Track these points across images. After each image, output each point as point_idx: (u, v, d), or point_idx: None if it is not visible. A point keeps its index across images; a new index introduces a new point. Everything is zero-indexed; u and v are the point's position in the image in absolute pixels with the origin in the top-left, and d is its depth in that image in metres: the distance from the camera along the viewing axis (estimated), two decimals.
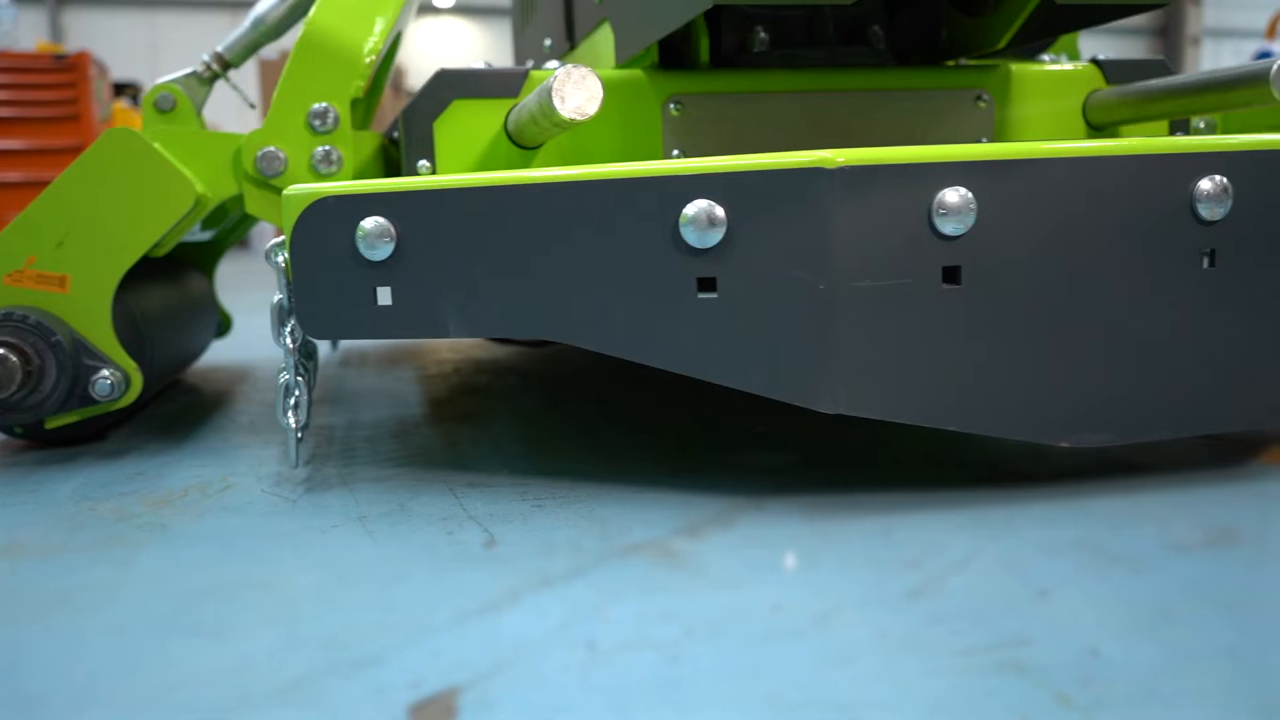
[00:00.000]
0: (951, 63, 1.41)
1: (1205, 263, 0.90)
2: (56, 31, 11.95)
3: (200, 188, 1.23)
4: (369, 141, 1.34)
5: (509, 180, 0.89)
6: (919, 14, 1.41)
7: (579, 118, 0.94)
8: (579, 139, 1.23)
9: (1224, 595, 0.69)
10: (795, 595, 0.71)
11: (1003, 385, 0.87)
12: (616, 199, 0.86)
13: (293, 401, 1.01)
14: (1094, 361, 0.89)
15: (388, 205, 0.91)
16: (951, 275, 0.85)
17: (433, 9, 13.79)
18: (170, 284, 1.56)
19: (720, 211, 0.84)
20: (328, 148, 1.24)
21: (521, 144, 1.19)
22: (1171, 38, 16.24)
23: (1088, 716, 0.53)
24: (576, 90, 0.93)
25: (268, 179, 1.24)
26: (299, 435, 1.02)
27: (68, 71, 5.02)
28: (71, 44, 11.06)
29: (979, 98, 1.34)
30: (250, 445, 1.23)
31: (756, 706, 0.56)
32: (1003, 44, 1.34)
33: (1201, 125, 1.59)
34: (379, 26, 1.29)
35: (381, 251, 0.91)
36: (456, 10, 14.04)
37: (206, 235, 1.83)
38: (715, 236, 0.84)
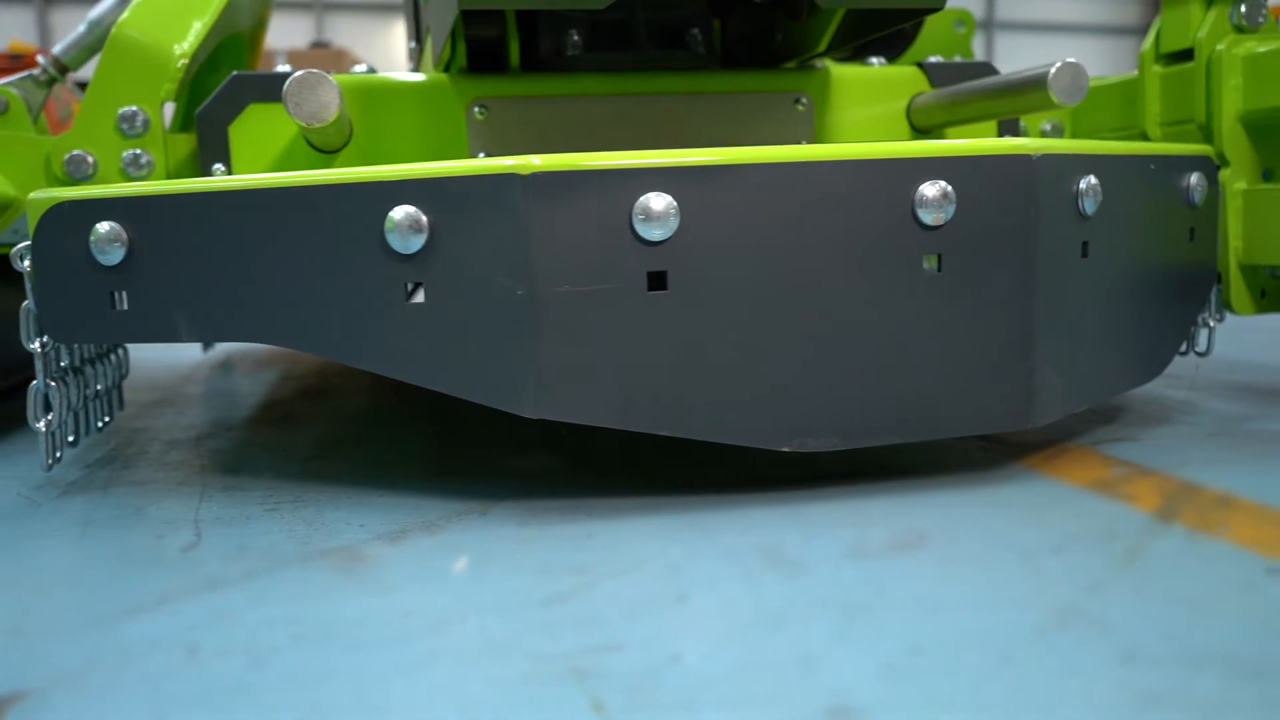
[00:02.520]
0: (788, 65, 1.41)
1: (928, 268, 0.90)
2: (44, 31, 12.01)
3: (11, 190, 1.24)
4: (185, 144, 1.34)
5: (225, 185, 0.89)
6: (751, 19, 1.41)
7: (315, 123, 0.95)
8: (381, 142, 1.24)
9: (855, 601, 0.69)
10: (435, 601, 0.71)
11: (718, 391, 0.87)
12: (326, 204, 0.87)
13: (44, 406, 1.01)
14: (816, 367, 0.89)
15: (119, 210, 0.92)
16: (658, 281, 0.86)
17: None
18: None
19: (423, 217, 0.85)
20: (137, 151, 1.25)
21: (316, 147, 1.20)
22: None
23: None
24: (310, 96, 0.94)
25: (77, 182, 1.25)
26: (69, 440, 1.02)
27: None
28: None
29: (798, 101, 1.34)
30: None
31: (290, 714, 0.56)
32: (822, 48, 1.34)
33: (1048, 128, 1.59)
34: (194, 29, 1.30)
35: (114, 256, 0.92)
36: None
37: None
38: (418, 242, 0.85)
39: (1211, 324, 1.27)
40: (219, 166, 1.20)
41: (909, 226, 0.89)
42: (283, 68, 1.31)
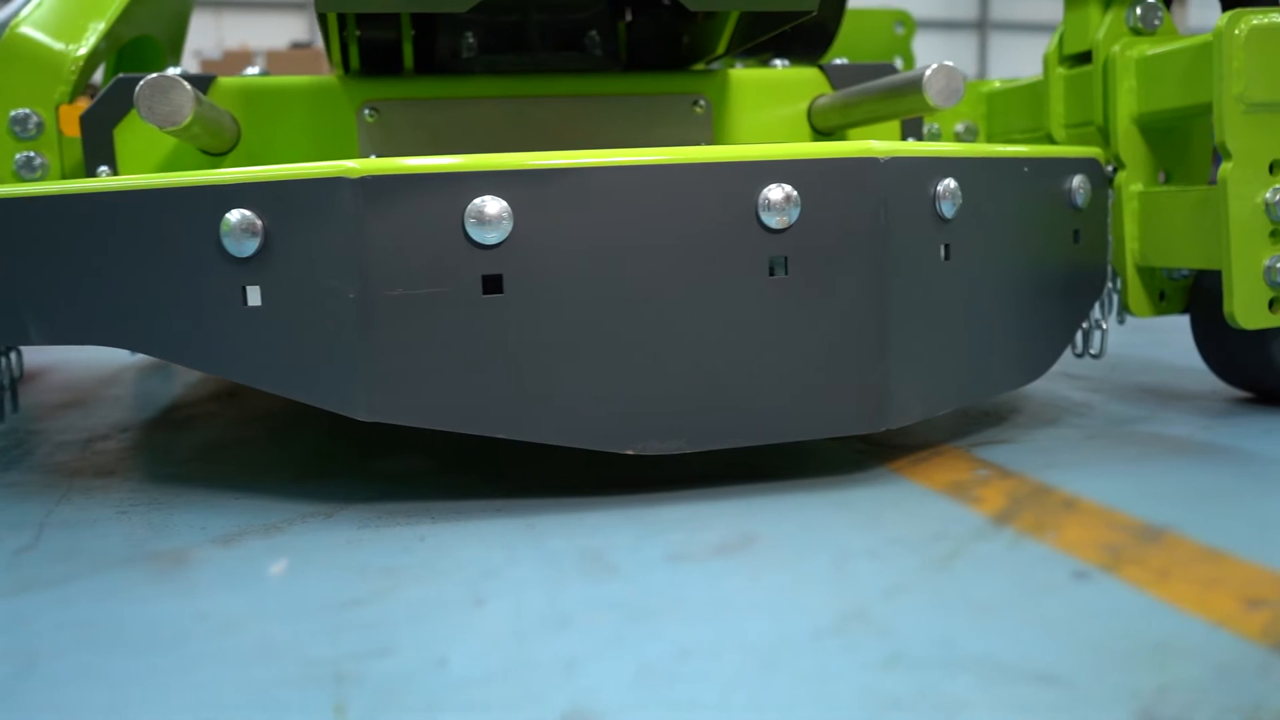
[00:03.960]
0: (696, 67, 1.40)
1: (773, 271, 0.90)
2: None
3: None
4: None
5: (65, 190, 0.89)
6: (652, 21, 1.41)
7: (168, 126, 0.95)
8: (271, 144, 1.24)
9: (648, 605, 0.68)
10: (234, 604, 0.71)
11: (559, 394, 0.87)
12: (164, 208, 0.87)
13: None
14: (660, 370, 0.88)
15: None
16: (493, 284, 0.85)
17: None
18: None
19: (258, 221, 0.85)
20: (30, 154, 1.25)
21: (203, 150, 1.20)
22: None
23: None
24: (162, 100, 0.94)
25: None
26: None
27: None
28: None
29: (696, 103, 1.34)
30: None
31: (35, 716, 0.56)
32: (721, 50, 1.34)
33: (961, 129, 1.59)
34: (92, 31, 1.30)
35: None
36: None
37: None
38: (253, 245, 0.85)
39: (1105, 326, 1.27)
40: (104, 169, 1.20)
41: (753, 230, 0.89)
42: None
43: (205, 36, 11.42)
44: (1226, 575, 0.71)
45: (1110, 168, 1.28)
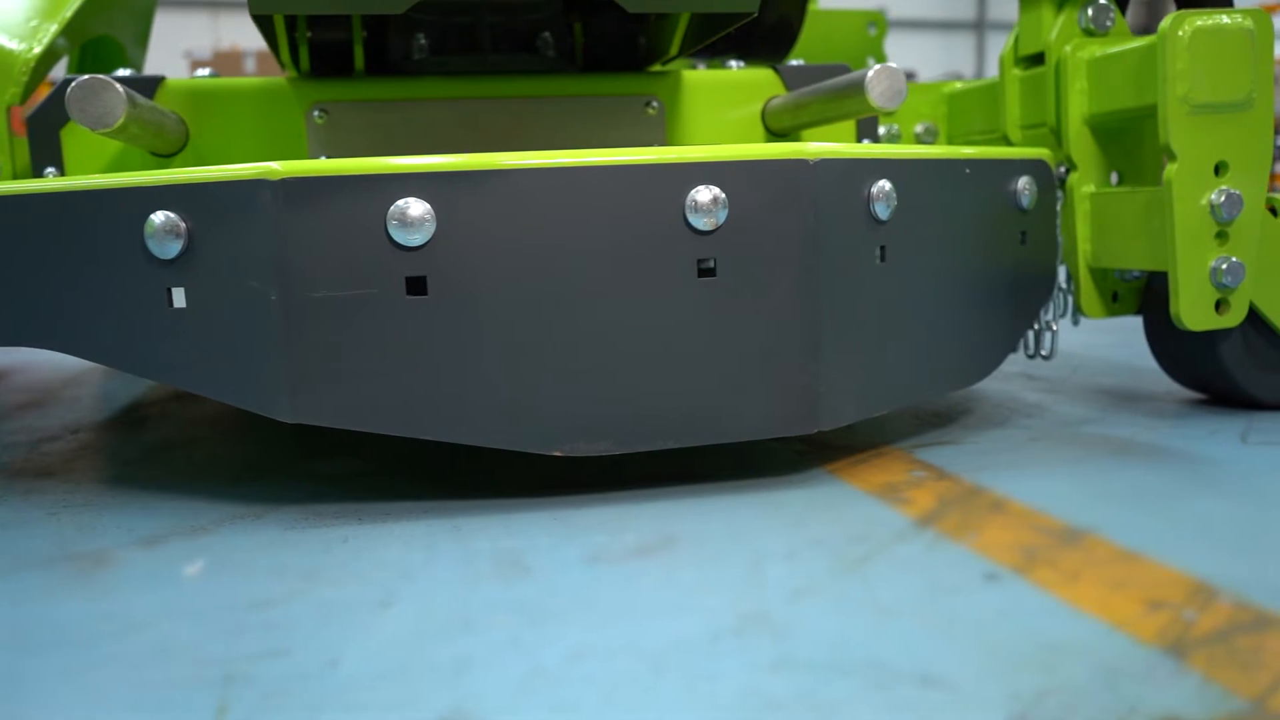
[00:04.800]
0: (654, 68, 1.40)
1: (701, 273, 0.90)
2: None
3: None
4: None
5: None
6: (610, 24, 1.41)
7: (100, 128, 0.95)
8: (220, 147, 1.24)
9: (553, 607, 0.69)
10: (144, 605, 0.71)
11: (484, 395, 0.87)
12: (90, 210, 0.87)
13: None
14: (587, 372, 0.88)
15: None
16: (417, 286, 0.86)
17: None
18: None
19: (181, 223, 0.85)
20: None
21: (151, 151, 1.20)
22: None
23: None
24: (94, 101, 0.94)
25: None
26: None
27: None
28: None
29: (648, 104, 1.34)
30: None
31: None
32: (674, 52, 1.34)
33: (921, 130, 1.59)
34: (43, 33, 1.30)
35: None
36: None
37: None
38: (176, 247, 0.85)
39: (1055, 327, 1.27)
40: (51, 170, 1.20)
41: (681, 231, 0.89)
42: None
43: (202, 36, 11.43)
44: (1136, 577, 0.71)
45: (1062, 169, 1.28)
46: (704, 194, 0.88)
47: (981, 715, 0.53)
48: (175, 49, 7.49)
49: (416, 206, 0.84)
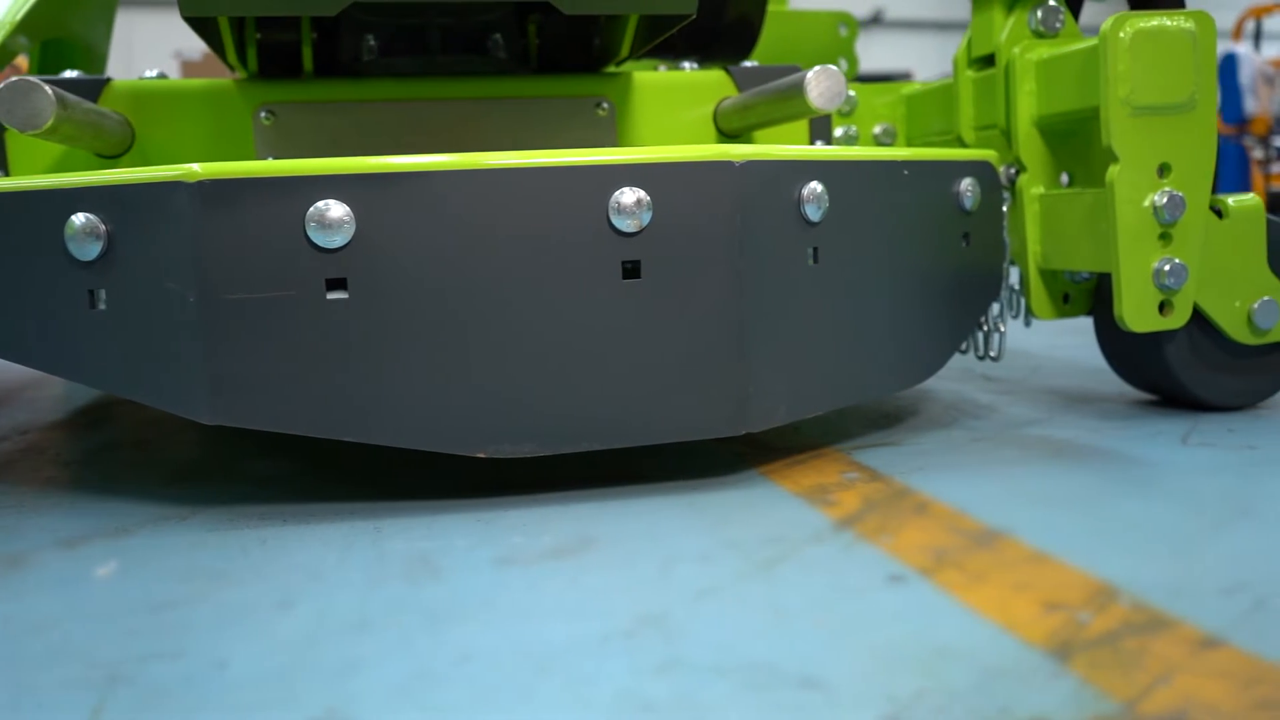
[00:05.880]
0: (609, 69, 1.40)
1: (626, 274, 0.90)
2: None
3: None
4: None
5: None
6: (561, 25, 1.41)
7: (29, 130, 0.95)
8: (166, 148, 1.24)
9: (454, 609, 0.68)
10: (46, 607, 0.71)
11: (406, 397, 0.87)
12: (10, 212, 0.87)
13: None
14: (510, 373, 0.88)
15: None
16: (337, 288, 0.86)
17: None
18: None
19: (102, 224, 0.85)
20: None
21: (95, 153, 1.20)
22: None
23: None
24: (22, 103, 0.94)
25: None
26: None
27: None
28: None
29: (599, 105, 1.34)
30: None
31: None
32: (625, 54, 1.34)
33: (879, 131, 1.59)
34: None
35: None
36: None
37: None
38: (96, 249, 0.85)
39: (1003, 328, 1.26)
40: None
41: (605, 233, 0.89)
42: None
43: (193, 38, 11.41)
44: (1041, 579, 0.71)
45: (1012, 170, 1.28)
46: (628, 195, 0.88)
47: (854, 716, 0.53)
48: (166, 50, 7.49)
49: (336, 209, 0.84)
